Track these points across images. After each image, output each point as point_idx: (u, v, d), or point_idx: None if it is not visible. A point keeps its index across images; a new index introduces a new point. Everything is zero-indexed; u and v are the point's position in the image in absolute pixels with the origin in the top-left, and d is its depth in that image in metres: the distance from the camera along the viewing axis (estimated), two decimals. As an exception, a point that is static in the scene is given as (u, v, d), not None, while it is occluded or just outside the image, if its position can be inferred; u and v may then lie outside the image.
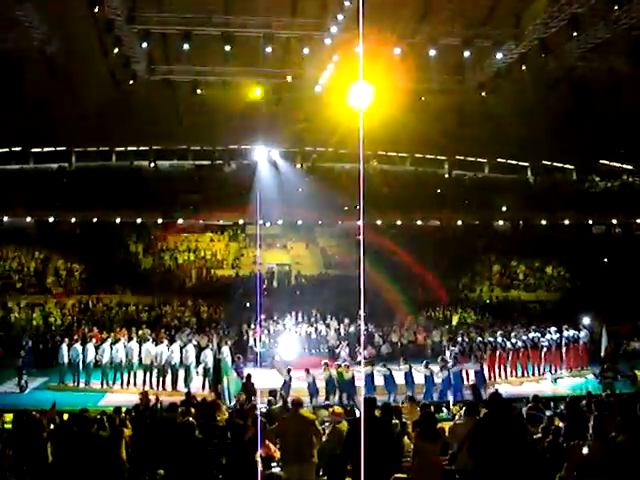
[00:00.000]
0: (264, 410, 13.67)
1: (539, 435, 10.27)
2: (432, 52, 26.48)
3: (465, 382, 21.34)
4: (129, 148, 46.37)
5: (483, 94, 30.88)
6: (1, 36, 24.79)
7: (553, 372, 24.77)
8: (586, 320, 28.30)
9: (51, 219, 41.05)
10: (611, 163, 47.60)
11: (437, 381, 20.75)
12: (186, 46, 25.55)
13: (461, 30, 26.71)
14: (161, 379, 22.63)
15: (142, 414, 13.41)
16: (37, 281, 36.67)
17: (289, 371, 20.09)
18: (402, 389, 20.20)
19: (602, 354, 25.39)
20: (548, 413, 13.03)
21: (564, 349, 25.13)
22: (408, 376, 20.66)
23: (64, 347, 23.56)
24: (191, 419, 11.15)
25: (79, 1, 24.25)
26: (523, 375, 24.53)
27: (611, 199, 45.15)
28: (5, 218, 40.98)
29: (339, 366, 20.70)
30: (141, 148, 46.38)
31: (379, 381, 20.52)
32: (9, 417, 14.46)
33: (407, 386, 20.33)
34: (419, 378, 20.78)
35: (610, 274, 37.44)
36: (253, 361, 26.18)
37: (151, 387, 22.39)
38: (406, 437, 10.85)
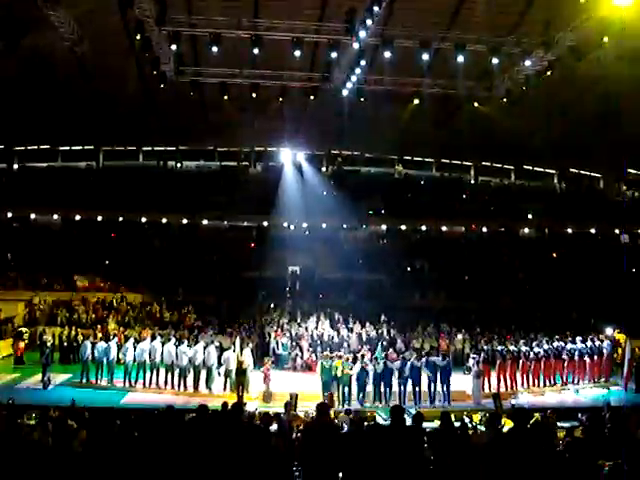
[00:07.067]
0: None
1: (560, 448, 10.18)
2: (460, 58, 26.29)
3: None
4: (156, 148, 46.61)
5: (511, 101, 30.70)
6: (33, 36, 25.05)
7: (576, 383, 24.54)
8: (609, 331, 28.00)
9: (78, 217, 41.45)
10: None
11: None
12: (215, 49, 25.64)
13: (489, 37, 26.57)
14: (182, 379, 22.79)
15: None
16: (63, 278, 36.97)
17: None
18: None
19: (625, 367, 24.84)
20: (569, 424, 12.95)
21: (587, 359, 24.89)
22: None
23: (87, 344, 23.79)
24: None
25: (110, 2, 24.51)
26: (545, 385, 24.33)
27: (638, 208, 44.63)
28: (32, 215, 41.51)
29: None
30: (168, 148, 46.60)
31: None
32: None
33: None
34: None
35: (636, 284, 36.82)
36: (274, 363, 26.13)
37: (172, 387, 22.61)
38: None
